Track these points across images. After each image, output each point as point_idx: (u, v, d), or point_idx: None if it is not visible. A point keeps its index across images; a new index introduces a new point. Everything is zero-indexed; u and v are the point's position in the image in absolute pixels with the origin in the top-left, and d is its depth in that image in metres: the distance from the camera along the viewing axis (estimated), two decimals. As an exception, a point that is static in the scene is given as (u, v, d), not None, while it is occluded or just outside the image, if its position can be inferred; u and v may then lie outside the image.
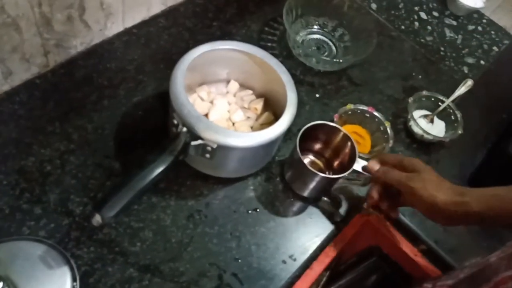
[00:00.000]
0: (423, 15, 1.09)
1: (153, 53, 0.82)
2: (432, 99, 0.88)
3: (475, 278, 0.50)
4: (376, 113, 0.82)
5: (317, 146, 0.76)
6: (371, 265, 0.94)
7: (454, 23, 1.11)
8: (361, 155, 0.74)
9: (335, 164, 0.76)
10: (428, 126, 0.86)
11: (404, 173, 0.60)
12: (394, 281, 0.90)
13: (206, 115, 0.73)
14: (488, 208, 0.52)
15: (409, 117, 0.84)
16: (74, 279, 0.57)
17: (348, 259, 0.94)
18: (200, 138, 0.61)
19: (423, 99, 0.88)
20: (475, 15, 1.14)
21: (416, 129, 0.84)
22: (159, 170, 0.58)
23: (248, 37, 0.90)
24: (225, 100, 0.74)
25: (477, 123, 0.88)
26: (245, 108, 0.76)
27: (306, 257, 0.69)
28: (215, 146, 0.62)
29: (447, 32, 1.08)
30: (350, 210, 0.72)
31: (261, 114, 0.75)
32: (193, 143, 0.62)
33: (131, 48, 0.81)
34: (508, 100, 0.97)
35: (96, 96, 0.75)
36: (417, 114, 0.87)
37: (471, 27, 1.12)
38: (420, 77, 0.96)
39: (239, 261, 0.66)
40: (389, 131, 0.80)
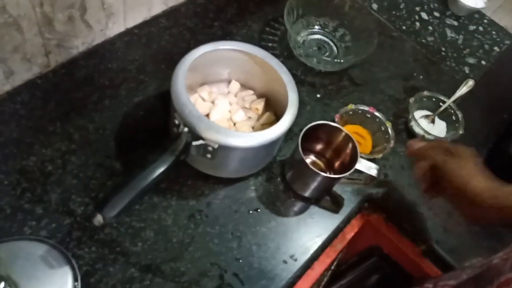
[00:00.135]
0: (424, 16, 1.09)
1: (154, 53, 0.82)
2: (433, 99, 0.88)
3: (478, 279, 0.50)
4: (377, 113, 0.82)
5: (318, 146, 0.76)
6: (371, 265, 0.94)
7: (455, 23, 1.11)
8: (362, 155, 0.74)
9: (336, 164, 0.76)
10: (429, 126, 0.86)
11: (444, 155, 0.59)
12: (395, 281, 0.91)
13: (207, 115, 0.73)
14: None
15: (410, 117, 0.84)
16: (75, 279, 0.57)
17: (349, 259, 0.95)
18: (201, 138, 0.61)
19: (424, 99, 0.87)
20: (476, 16, 1.14)
21: (417, 129, 0.84)
22: (160, 170, 0.58)
23: (249, 37, 0.90)
24: (226, 100, 0.74)
25: (478, 123, 0.88)
26: (246, 108, 0.76)
27: (307, 257, 0.69)
28: (216, 146, 0.62)
29: (448, 33, 1.08)
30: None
31: (262, 114, 0.76)
32: (194, 143, 0.62)
33: (132, 48, 0.81)
34: (509, 100, 0.97)
35: (97, 96, 0.75)
36: (418, 114, 0.87)
37: (472, 27, 1.11)
38: (421, 77, 0.96)
39: (240, 261, 0.66)
40: (390, 131, 0.80)
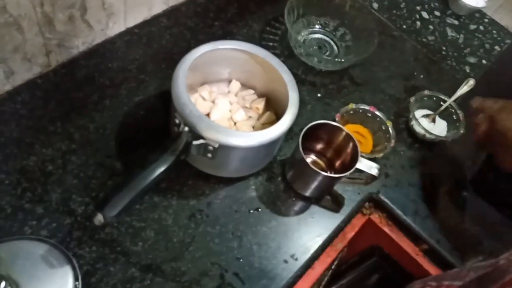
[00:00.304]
0: (424, 15, 1.09)
1: (154, 52, 0.82)
2: (434, 98, 0.88)
3: (484, 279, 0.50)
4: (377, 113, 0.81)
5: (318, 145, 0.76)
6: (372, 265, 0.94)
7: (456, 22, 1.10)
8: (363, 154, 0.74)
9: (337, 163, 0.76)
10: (430, 125, 0.86)
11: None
12: (395, 280, 0.90)
13: (208, 114, 0.73)
14: None
15: (410, 116, 0.84)
16: (76, 279, 0.57)
17: (349, 259, 0.95)
18: (201, 137, 0.61)
19: (425, 98, 0.87)
20: (477, 15, 1.14)
21: (418, 128, 0.84)
22: (160, 169, 0.58)
23: (250, 36, 0.90)
24: (227, 100, 0.74)
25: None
26: (247, 107, 0.76)
27: (307, 257, 0.69)
28: (216, 145, 0.62)
29: (449, 32, 1.08)
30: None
31: (262, 114, 0.75)
32: (195, 142, 0.62)
33: (132, 48, 0.81)
34: (510, 99, 0.97)
35: (97, 96, 0.75)
36: (419, 113, 0.87)
37: (473, 27, 1.11)
38: (421, 76, 0.96)
39: (241, 260, 0.66)
40: (390, 131, 0.80)
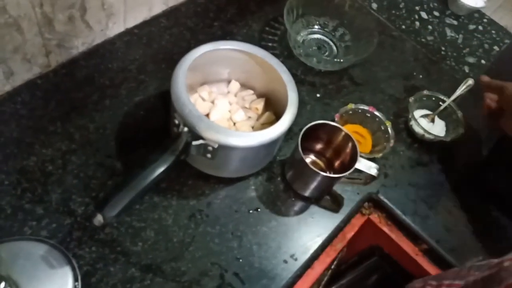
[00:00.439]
0: (424, 15, 1.09)
1: (154, 53, 0.82)
2: (433, 98, 0.88)
3: (487, 281, 0.50)
4: (377, 113, 0.82)
5: (318, 146, 0.76)
6: (372, 265, 0.94)
7: (455, 22, 1.11)
8: (362, 154, 0.74)
9: (336, 164, 0.76)
10: (429, 125, 0.86)
11: None
12: (395, 280, 0.90)
13: (207, 115, 0.73)
14: None
15: (410, 116, 0.84)
16: (75, 279, 0.57)
17: (349, 259, 0.95)
18: (201, 138, 0.61)
19: (424, 98, 0.87)
20: (476, 15, 1.14)
21: (417, 128, 0.84)
22: (160, 169, 0.58)
23: (249, 37, 0.90)
24: (226, 100, 0.75)
25: (478, 123, 0.88)
26: (246, 108, 0.76)
27: (307, 257, 0.69)
28: (216, 146, 0.62)
29: (448, 32, 1.08)
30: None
31: (262, 114, 0.76)
32: (194, 143, 0.62)
33: (132, 48, 0.81)
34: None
35: (97, 96, 0.75)
36: (418, 113, 0.87)
37: (472, 27, 1.12)
38: (421, 76, 0.96)
39: (241, 260, 0.66)
40: (390, 131, 0.80)
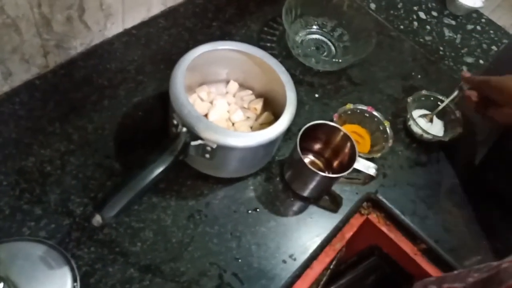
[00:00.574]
0: (422, 15, 1.09)
1: (153, 53, 0.82)
2: (432, 98, 0.88)
3: (487, 282, 0.50)
4: (375, 113, 0.82)
5: (317, 146, 0.76)
6: (371, 265, 0.94)
7: (453, 22, 1.11)
8: (361, 154, 0.74)
9: (335, 164, 0.76)
10: (428, 125, 0.87)
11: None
12: (394, 280, 0.91)
13: (206, 115, 0.73)
14: None
15: (408, 116, 0.84)
16: (74, 280, 0.57)
17: (348, 259, 0.95)
18: (200, 138, 0.61)
19: (423, 98, 0.88)
20: (474, 15, 1.15)
21: (415, 128, 0.84)
22: (159, 170, 0.58)
23: (248, 37, 0.90)
24: (225, 100, 0.75)
25: (477, 123, 0.89)
26: (245, 108, 0.76)
27: (306, 257, 0.69)
28: (215, 146, 0.62)
29: (446, 32, 1.08)
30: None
31: (260, 114, 0.76)
32: (193, 143, 0.62)
33: (131, 49, 0.81)
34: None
35: (96, 97, 0.75)
36: (416, 113, 0.87)
37: (470, 27, 1.12)
38: (419, 76, 0.96)
39: (240, 260, 0.66)
40: (388, 131, 0.80)
